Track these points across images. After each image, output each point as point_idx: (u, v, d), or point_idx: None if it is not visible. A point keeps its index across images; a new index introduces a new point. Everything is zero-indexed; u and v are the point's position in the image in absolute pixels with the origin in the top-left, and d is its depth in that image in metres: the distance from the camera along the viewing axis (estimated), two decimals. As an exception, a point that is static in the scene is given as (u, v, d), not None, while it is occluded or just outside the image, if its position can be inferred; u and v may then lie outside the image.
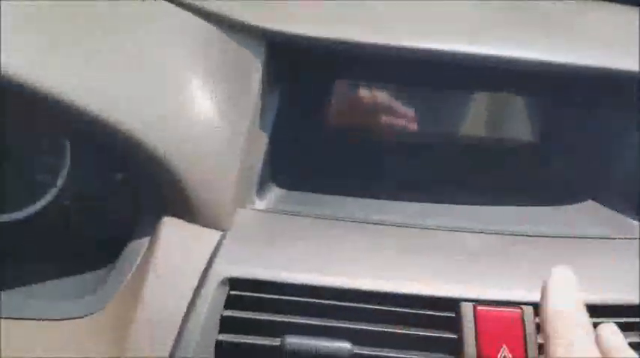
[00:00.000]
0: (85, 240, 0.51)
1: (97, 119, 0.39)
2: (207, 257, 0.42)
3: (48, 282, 0.45)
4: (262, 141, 0.49)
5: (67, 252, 0.50)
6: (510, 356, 0.38)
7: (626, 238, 0.48)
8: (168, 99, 0.43)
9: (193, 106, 0.44)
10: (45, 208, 0.53)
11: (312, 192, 0.52)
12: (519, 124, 0.57)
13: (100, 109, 0.39)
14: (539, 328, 0.39)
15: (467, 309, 0.39)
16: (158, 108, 0.42)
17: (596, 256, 0.45)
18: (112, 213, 0.52)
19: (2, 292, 0.43)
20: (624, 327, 0.40)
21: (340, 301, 0.40)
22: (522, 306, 0.39)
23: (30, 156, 0.53)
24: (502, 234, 0.47)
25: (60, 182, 0.54)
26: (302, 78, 0.52)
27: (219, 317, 0.39)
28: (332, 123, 0.55)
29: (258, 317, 0.39)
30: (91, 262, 0.47)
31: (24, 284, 0.44)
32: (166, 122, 0.42)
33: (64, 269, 0.46)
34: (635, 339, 0.40)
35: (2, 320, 0.40)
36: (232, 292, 0.40)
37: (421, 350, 0.39)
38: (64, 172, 0.54)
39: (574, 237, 0.48)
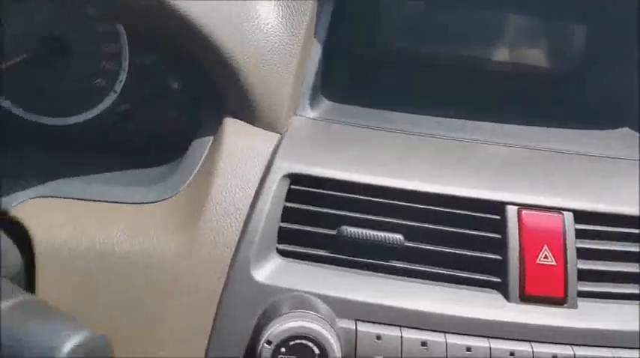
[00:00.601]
0: (143, 140, 0.54)
1: (181, 16, 0.40)
2: (268, 155, 0.45)
3: (115, 173, 0.48)
4: (316, 50, 0.51)
5: (129, 150, 0.52)
6: (551, 255, 0.41)
7: None
8: (235, 2, 0.44)
9: (257, 10, 0.46)
10: (105, 112, 0.56)
11: (361, 105, 0.54)
12: (563, 52, 0.58)
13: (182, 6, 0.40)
14: (577, 233, 0.42)
15: (512, 212, 0.42)
16: (226, 9, 0.43)
17: (624, 175, 0.47)
18: (168, 118, 0.55)
19: (78, 178, 0.46)
20: None
21: (393, 200, 0.43)
22: (563, 211, 0.42)
23: (90, 61, 0.55)
24: (543, 150, 0.49)
25: (118, 87, 0.56)
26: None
27: (281, 208, 0.43)
28: (380, 38, 0.56)
29: (317, 209, 0.42)
30: (151, 159, 0.50)
31: (94, 174, 0.47)
32: (233, 24, 0.44)
33: (128, 164, 0.49)
34: None
35: (80, 201, 0.44)
36: (293, 186, 0.43)
37: (467, 250, 0.42)
38: (123, 78, 0.56)
39: (607, 157, 0.50)
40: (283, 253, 0.43)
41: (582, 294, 0.41)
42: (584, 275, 0.42)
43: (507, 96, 0.58)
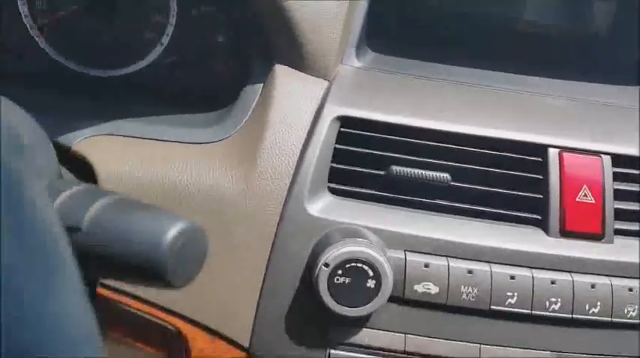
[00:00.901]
0: (193, 90, 0.56)
1: None
2: (319, 99, 0.47)
3: (168, 117, 0.50)
4: (362, 1, 0.53)
5: (179, 99, 0.54)
6: (590, 194, 0.43)
7: None
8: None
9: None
10: (152, 64, 0.58)
11: (405, 57, 0.56)
12: (599, 13, 0.60)
13: None
14: (615, 176, 0.44)
15: (553, 154, 0.44)
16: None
17: None
18: (216, 68, 0.57)
19: (134, 119, 0.48)
20: None
21: (440, 143, 0.45)
22: (601, 155, 0.44)
23: (138, 15, 0.57)
24: (579, 100, 0.51)
25: (165, 40, 0.58)
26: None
27: (332, 149, 0.45)
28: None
29: (366, 150, 0.45)
30: (203, 106, 0.52)
31: (148, 116, 0.49)
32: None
33: (180, 111, 0.51)
34: None
35: (140, 139, 0.46)
36: (343, 129, 0.45)
37: (510, 190, 0.44)
38: (170, 31, 0.58)
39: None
40: (334, 191, 0.45)
41: (618, 232, 0.44)
42: (619, 215, 0.44)
43: (543, 53, 0.60)
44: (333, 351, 0.42)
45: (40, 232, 0.20)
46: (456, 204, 0.44)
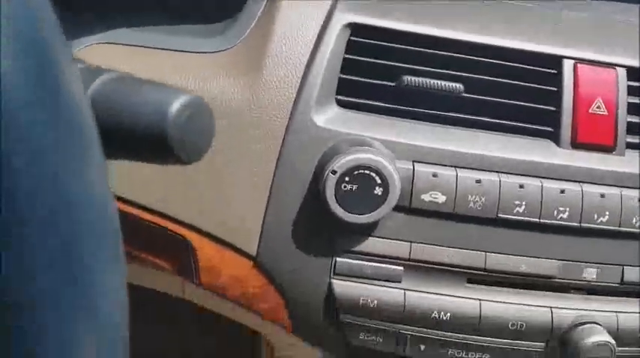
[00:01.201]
0: (196, 1, 0.54)
1: None
2: (327, 6, 0.45)
3: (173, 27, 0.48)
4: None
5: (182, 10, 0.53)
6: (603, 106, 0.42)
7: None
8: None
9: None
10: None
11: None
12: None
13: None
14: (629, 90, 0.43)
15: (568, 65, 0.43)
16: None
17: None
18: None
19: (137, 29, 0.47)
20: None
21: (453, 52, 0.43)
22: (617, 67, 0.43)
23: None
24: (591, 15, 0.49)
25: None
26: None
27: (341, 59, 0.43)
28: None
29: (377, 60, 0.43)
30: (209, 18, 0.50)
31: (152, 26, 0.48)
32: None
33: (185, 22, 0.50)
34: None
35: (143, 48, 0.45)
36: (352, 38, 0.44)
37: (522, 102, 0.43)
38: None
39: None
40: (342, 103, 0.44)
41: (629, 145, 0.43)
42: (631, 128, 0.43)
43: None
44: (339, 259, 0.42)
45: (74, 105, 0.19)
46: (467, 116, 0.43)
